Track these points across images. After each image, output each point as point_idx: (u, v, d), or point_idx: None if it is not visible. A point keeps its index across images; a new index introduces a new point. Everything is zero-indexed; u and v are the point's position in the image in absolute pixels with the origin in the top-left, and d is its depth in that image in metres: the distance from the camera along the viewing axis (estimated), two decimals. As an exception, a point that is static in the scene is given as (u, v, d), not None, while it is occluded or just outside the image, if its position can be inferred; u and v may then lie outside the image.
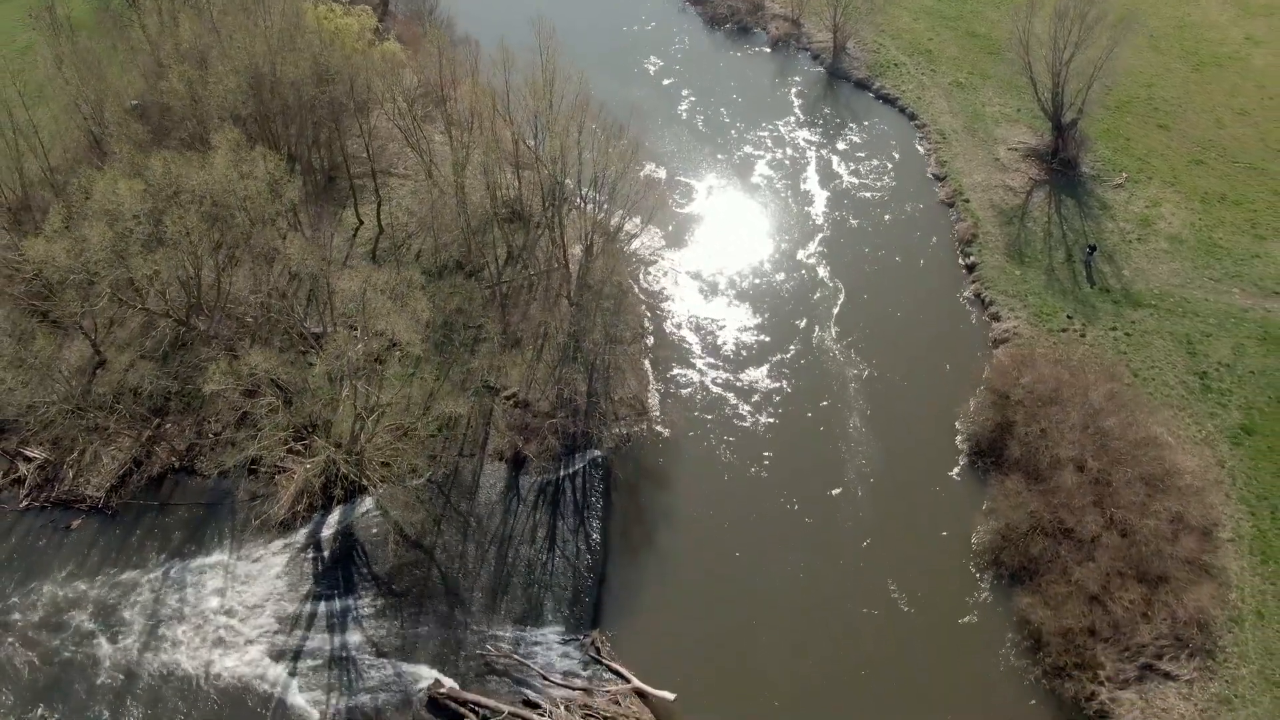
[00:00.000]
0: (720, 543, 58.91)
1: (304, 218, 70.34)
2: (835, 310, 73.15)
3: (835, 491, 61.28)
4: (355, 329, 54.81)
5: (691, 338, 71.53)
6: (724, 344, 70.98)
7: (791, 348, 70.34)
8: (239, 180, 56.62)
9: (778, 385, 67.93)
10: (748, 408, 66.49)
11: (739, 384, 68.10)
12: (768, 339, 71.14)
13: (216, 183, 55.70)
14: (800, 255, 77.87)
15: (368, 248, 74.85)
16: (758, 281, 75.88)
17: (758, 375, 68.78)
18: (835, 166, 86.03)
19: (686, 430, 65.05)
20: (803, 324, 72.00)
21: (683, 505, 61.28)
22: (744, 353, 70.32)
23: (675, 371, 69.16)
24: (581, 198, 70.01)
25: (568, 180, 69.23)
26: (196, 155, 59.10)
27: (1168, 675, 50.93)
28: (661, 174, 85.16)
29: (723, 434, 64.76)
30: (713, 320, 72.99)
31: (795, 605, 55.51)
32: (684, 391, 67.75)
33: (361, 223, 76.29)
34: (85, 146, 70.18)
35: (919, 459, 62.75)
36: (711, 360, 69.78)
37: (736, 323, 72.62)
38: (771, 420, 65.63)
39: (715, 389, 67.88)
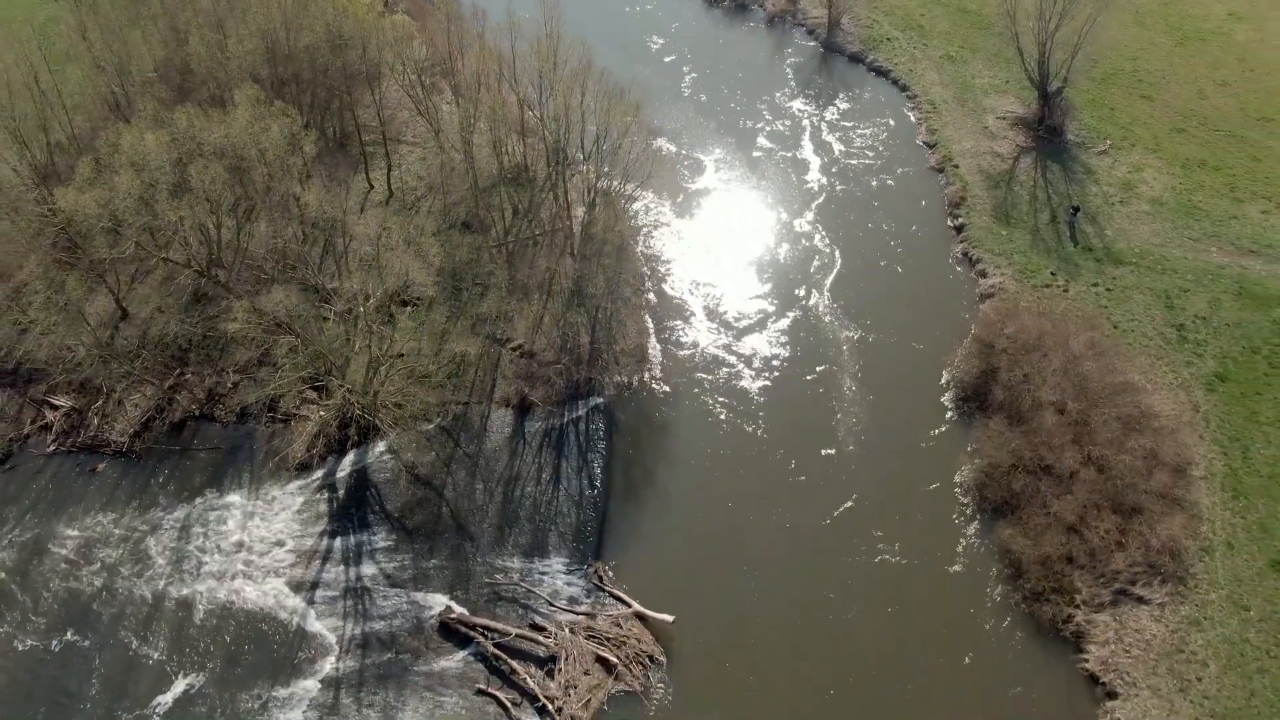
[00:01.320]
0: (716, 489, 61.36)
1: (317, 180, 73.03)
2: (832, 275, 75.64)
3: (829, 451, 63.46)
4: (369, 284, 57.59)
5: (693, 303, 73.83)
6: (724, 310, 73.21)
7: (790, 314, 72.56)
8: (259, 132, 59.37)
9: (776, 351, 70.09)
10: (746, 370, 68.68)
11: (738, 347, 70.33)
12: (766, 305, 73.47)
13: (238, 135, 58.49)
14: (798, 223, 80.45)
15: (379, 210, 77.58)
16: (757, 249, 78.32)
17: (756, 339, 71.03)
18: (831, 136, 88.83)
19: (685, 388, 67.43)
20: (801, 290, 74.35)
21: (680, 453, 63.80)
22: (743, 319, 72.47)
23: (676, 335, 71.51)
24: (585, 158, 72.76)
25: (571, 145, 71.99)
26: (218, 112, 61.95)
27: (1141, 599, 53.68)
28: (672, 148, 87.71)
29: (720, 394, 66.98)
30: (714, 286, 75.32)
31: (786, 547, 57.77)
32: (684, 352, 70.06)
33: (372, 187, 79.06)
34: (107, 111, 73.04)
35: (909, 413, 64.95)
36: (711, 324, 72.10)
37: (736, 289, 74.89)
38: (768, 383, 67.75)
39: (714, 351, 70.13)
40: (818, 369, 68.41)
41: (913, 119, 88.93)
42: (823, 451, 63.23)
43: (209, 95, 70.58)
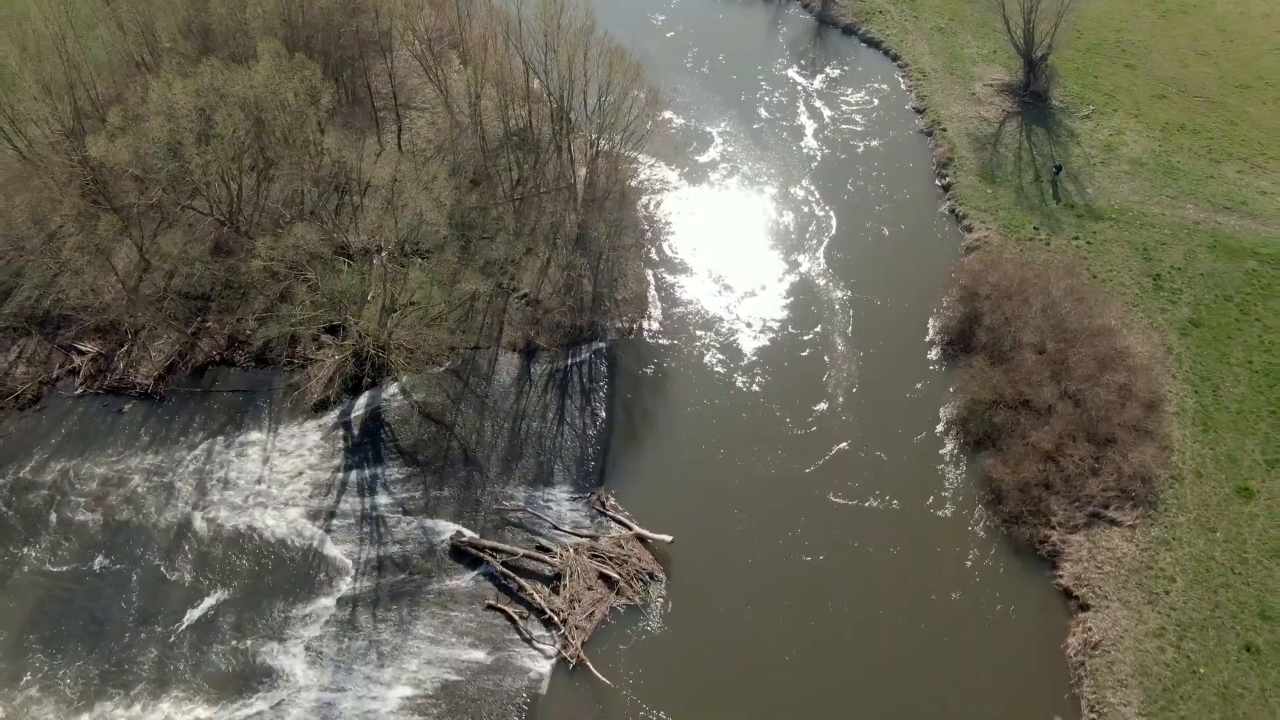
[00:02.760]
0: (711, 431, 64.08)
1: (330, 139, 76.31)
2: (827, 237, 78.42)
3: (821, 406, 66.32)
4: (385, 225, 60.74)
5: (693, 263, 76.17)
6: (723, 271, 75.43)
7: (787, 276, 75.08)
8: (280, 83, 62.58)
9: (772, 311, 72.49)
10: (743, 329, 71.04)
11: (735, 307, 72.66)
12: (764, 267, 75.85)
13: (260, 86, 61.71)
14: (796, 189, 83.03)
15: (392, 154, 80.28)
16: (758, 215, 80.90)
17: (753, 300, 73.50)
18: (826, 105, 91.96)
19: (684, 342, 69.91)
20: (797, 252, 76.97)
21: (678, 397, 66.45)
22: (741, 280, 74.74)
23: (676, 293, 73.91)
24: (588, 117, 75.82)
25: (574, 103, 75.16)
26: (240, 67, 65.24)
27: (1113, 522, 56.81)
28: (679, 121, 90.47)
29: (717, 350, 69.44)
30: (714, 249, 77.59)
31: (778, 489, 60.38)
32: (682, 309, 72.43)
33: (383, 149, 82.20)
34: (132, 71, 76.32)
35: (899, 367, 67.45)
36: (711, 284, 74.46)
37: (736, 253, 77.25)
38: (765, 343, 70.07)
39: (712, 310, 72.48)
40: (814, 329, 70.74)
41: (903, 86, 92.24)
42: (816, 407, 65.73)
43: (230, 54, 73.80)
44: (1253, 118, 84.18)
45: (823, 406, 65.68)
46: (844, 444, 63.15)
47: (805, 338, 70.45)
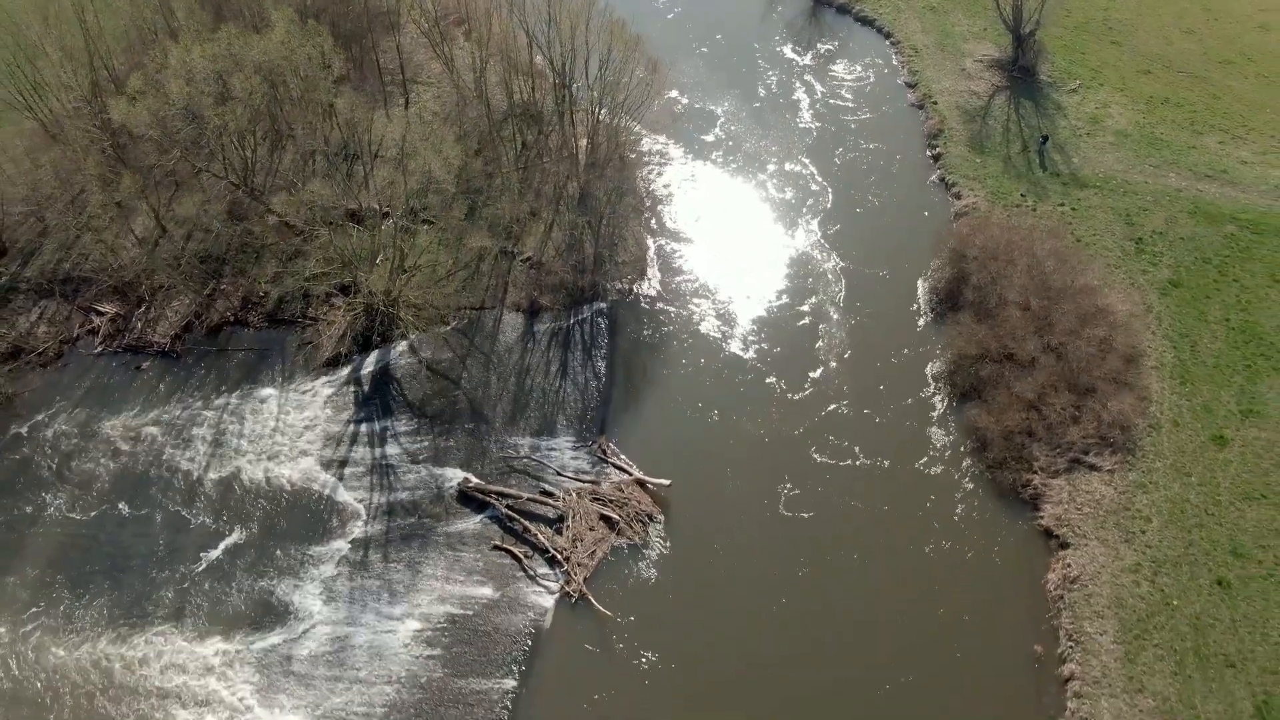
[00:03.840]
0: (707, 392, 66.25)
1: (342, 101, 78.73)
2: (823, 208, 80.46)
3: (815, 373, 68.34)
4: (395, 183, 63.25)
5: (693, 234, 78.25)
6: (721, 244, 77.43)
7: (783, 247, 77.19)
8: (294, 49, 65.21)
9: (768, 282, 74.44)
10: (739, 298, 72.95)
11: (732, 278, 74.48)
12: (762, 240, 77.88)
13: (274, 50, 64.32)
14: (792, 164, 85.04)
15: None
16: (756, 190, 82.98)
17: (750, 272, 75.28)
18: (822, 81, 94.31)
19: (681, 309, 71.99)
20: (794, 224, 79.09)
21: (675, 358, 68.71)
22: (738, 253, 76.73)
23: (676, 262, 75.98)
24: (590, 86, 78.24)
25: (575, 73, 77.69)
26: (255, 34, 67.86)
27: (1093, 467, 59.30)
28: (684, 100, 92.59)
29: (714, 318, 71.44)
30: (713, 222, 79.62)
31: (773, 448, 62.57)
32: (681, 279, 74.50)
33: (390, 122, 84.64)
34: (147, 47, 78.84)
35: (891, 334, 69.46)
36: (708, 256, 76.52)
37: (734, 225, 79.25)
38: (761, 313, 71.93)
39: (710, 279, 74.49)
40: (809, 300, 72.52)
41: (895, 63, 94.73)
42: (810, 373, 67.51)
43: (245, 24, 76.35)
44: (1235, 91, 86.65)
45: (816, 373, 67.83)
46: (835, 406, 65.35)
47: (800, 308, 72.56)
